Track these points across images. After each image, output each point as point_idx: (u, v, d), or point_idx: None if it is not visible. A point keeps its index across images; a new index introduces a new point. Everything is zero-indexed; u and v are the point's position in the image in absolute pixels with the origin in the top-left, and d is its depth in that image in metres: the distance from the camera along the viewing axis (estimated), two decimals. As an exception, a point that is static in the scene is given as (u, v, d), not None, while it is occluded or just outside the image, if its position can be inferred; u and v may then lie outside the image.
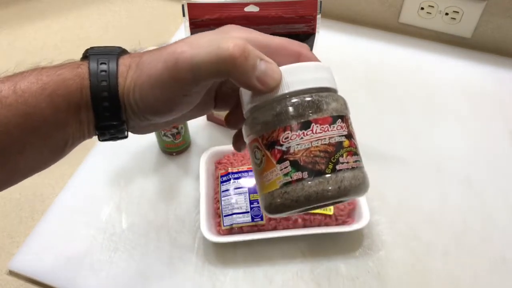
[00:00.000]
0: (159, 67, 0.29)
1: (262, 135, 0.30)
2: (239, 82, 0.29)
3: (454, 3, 0.77)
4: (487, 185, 0.63)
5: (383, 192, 0.61)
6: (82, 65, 0.31)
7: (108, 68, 0.31)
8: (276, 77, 0.29)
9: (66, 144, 0.33)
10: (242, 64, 0.28)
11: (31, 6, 0.90)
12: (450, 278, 0.54)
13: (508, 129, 0.70)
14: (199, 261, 0.55)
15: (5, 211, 0.61)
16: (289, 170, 0.29)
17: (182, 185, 0.63)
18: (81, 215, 0.60)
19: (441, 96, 0.75)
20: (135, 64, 0.31)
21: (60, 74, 0.31)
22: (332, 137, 0.29)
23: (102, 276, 0.54)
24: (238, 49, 0.28)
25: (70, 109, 0.31)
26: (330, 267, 0.55)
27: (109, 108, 0.31)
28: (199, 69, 0.28)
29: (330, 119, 0.29)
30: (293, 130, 0.29)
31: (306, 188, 0.28)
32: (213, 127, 0.70)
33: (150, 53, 0.31)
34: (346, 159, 0.29)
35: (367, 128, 0.69)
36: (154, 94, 0.30)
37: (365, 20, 0.86)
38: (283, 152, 0.29)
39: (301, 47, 0.32)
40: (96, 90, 0.31)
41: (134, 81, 0.30)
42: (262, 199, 0.31)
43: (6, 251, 0.57)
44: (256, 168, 0.31)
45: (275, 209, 0.30)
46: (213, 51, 0.28)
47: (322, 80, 0.31)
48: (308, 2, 0.53)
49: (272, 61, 0.30)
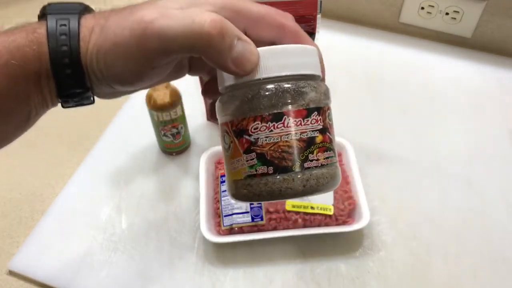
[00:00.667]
0: (126, 35, 0.26)
1: (232, 121, 0.28)
2: (213, 62, 0.27)
3: (454, 3, 0.77)
4: (487, 185, 0.63)
5: (383, 192, 0.61)
6: (38, 28, 0.28)
7: (69, 31, 0.28)
8: (253, 59, 0.27)
9: (29, 115, 0.30)
10: (218, 43, 0.26)
11: (31, 6, 0.90)
12: (450, 278, 0.54)
13: (508, 129, 0.70)
14: (199, 261, 0.55)
15: (5, 211, 0.61)
16: (255, 163, 0.27)
17: (182, 185, 0.63)
18: (81, 215, 0.60)
19: (441, 96, 0.75)
20: (99, 27, 0.28)
21: (14, 40, 0.28)
22: (304, 131, 0.27)
23: (102, 276, 0.54)
24: (215, 26, 0.25)
25: (29, 78, 0.28)
26: (330, 267, 0.55)
27: (72, 75, 0.28)
28: (169, 43, 0.26)
29: (305, 112, 0.27)
30: (263, 121, 0.27)
31: (269, 184, 0.27)
32: (213, 127, 0.70)
33: (116, 16, 0.28)
34: (316, 156, 0.28)
35: (367, 128, 0.69)
36: (119, 64, 0.27)
37: (365, 20, 0.86)
38: (251, 143, 0.27)
39: (284, 18, 0.29)
40: (55, 57, 0.28)
41: (98, 47, 0.28)
42: (228, 184, 0.30)
43: (6, 251, 0.57)
44: (224, 152, 0.30)
45: (240, 198, 0.29)
46: (187, 25, 0.25)
47: (303, 65, 0.28)
48: (308, 2, 0.53)
49: (251, 41, 0.27)
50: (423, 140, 0.68)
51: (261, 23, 0.29)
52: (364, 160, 0.64)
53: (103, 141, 0.69)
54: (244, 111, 0.27)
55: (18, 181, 0.65)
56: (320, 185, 0.28)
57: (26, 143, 0.68)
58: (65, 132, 0.70)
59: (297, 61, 0.28)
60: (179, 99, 0.59)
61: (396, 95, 0.75)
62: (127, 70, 0.28)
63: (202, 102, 0.69)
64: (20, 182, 0.65)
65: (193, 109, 0.69)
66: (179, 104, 0.60)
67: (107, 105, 0.73)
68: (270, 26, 0.29)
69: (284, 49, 0.28)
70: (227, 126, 0.29)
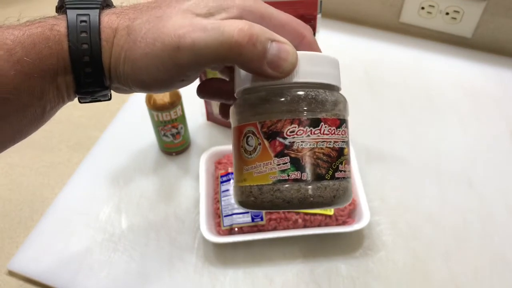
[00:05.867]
0: (158, 46, 0.26)
1: (264, 122, 0.27)
2: (249, 70, 0.27)
3: (454, 2, 0.77)
4: (487, 185, 0.62)
5: (383, 192, 0.61)
6: (56, 25, 0.28)
7: (89, 28, 0.27)
8: (292, 60, 0.26)
9: (44, 111, 0.29)
10: (249, 51, 0.25)
11: (31, 6, 0.90)
12: (451, 278, 0.54)
13: (508, 129, 0.70)
14: (199, 261, 0.55)
15: (5, 211, 0.61)
16: (288, 167, 0.26)
17: (182, 185, 0.63)
18: (81, 215, 0.60)
19: (441, 96, 0.75)
20: (124, 29, 0.28)
21: (29, 36, 0.27)
22: (336, 141, 0.27)
23: (101, 276, 0.54)
24: (244, 35, 0.25)
25: (45, 75, 0.27)
26: (330, 268, 0.55)
27: (91, 74, 0.28)
28: (202, 57, 0.26)
29: (338, 121, 0.27)
30: (301, 125, 0.26)
31: (302, 191, 0.26)
32: (213, 127, 0.70)
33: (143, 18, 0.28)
34: (344, 167, 0.27)
35: (367, 128, 0.69)
36: (148, 73, 0.27)
37: (365, 20, 0.86)
38: (285, 146, 0.26)
39: (305, 29, 0.29)
40: (76, 54, 0.27)
41: (125, 52, 0.27)
42: (243, 190, 0.28)
43: (5, 251, 0.57)
44: (243, 155, 0.28)
45: (259, 205, 0.27)
46: (217, 38, 0.25)
47: (336, 77, 0.28)
48: (308, 2, 0.53)
49: (286, 41, 0.27)
50: (423, 140, 0.68)
51: (283, 30, 0.28)
52: (364, 160, 0.64)
53: (103, 141, 0.69)
54: (280, 113, 0.27)
55: (18, 181, 0.65)
56: (345, 197, 0.27)
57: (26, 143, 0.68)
58: (65, 132, 0.70)
59: (331, 71, 0.28)
60: (179, 99, 0.59)
61: (396, 95, 0.75)
62: (155, 78, 0.28)
63: (202, 102, 0.69)
64: (20, 182, 0.65)
65: (193, 109, 0.69)
66: (179, 104, 0.60)
67: (107, 105, 0.73)
68: (290, 34, 0.29)
69: (322, 57, 0.28)
70: (254, 127, 0.27)
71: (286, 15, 0.29)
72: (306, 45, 0.30)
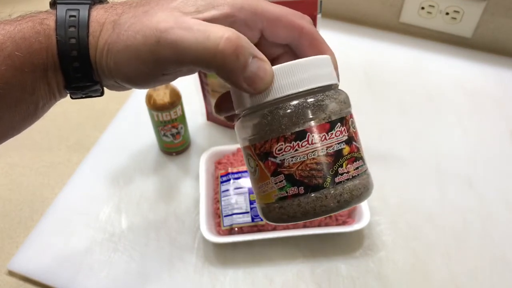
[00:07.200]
0: (139, 39, 0.26)
1: (255, 145, 0.27)
2: (225, 79, 0.26)
3: (454, 2, 0.77)
4: (487, 185, 0.62)
5: (383, 192, 0.61)
6: (46, 19, 0.28)
7: (78, 23, 0.27)
8: (267, 79, 0.26)
9: (36, 107, 0.29)
10: (231, 62, 0.25)
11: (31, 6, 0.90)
12: (451, 278, 0.54)
13: (508, 129, 0.70)
14: (199, 261, 0.55)
15: (5, 211, 0.61)
16: (284, 185, 0.27)
17: (182, 185, 0.63)
18: (81, 215, 0.60)
19: (441, 95, 0.75)
20: (110, 23, 0.28)
21: (20, 30, 0.27)
22: (330, 146, 0.26)
23: (101, 276, 0.54)
24: (230, 45, 0.25)
25: (35, 70, 0.27)
26: (330, 268, 0.55)
27: (80, 68, 0.28)
28: (182, 56, 0.26)
29: (328, 125, 0.26)
30: (286, 141, 0.26)
31: (302, 205, 0.26)
32: (213, 127, 0.70)
33: (130, 13, 0.27)
34: (346, 169, 0.27)
35: (367, 128, 0.69)
36: (130, 66, 0.27)
37: (365, 20, 0.86)
38: (277, 165, 0.27)
39: (302, 20, 0.29)
40: (63, 48, 0.27)
41: (108, 45, 0.27)
42: (259, 208, 0.29)
43: (5, 251, 0.57)
44: (251, 176, 0.29)
45: (274, 221, 0.28)
46: (201, 41, 0.25)
47: (318, 78, 0.27)
48: (308, 2, 0.53)
49: (265, 59, 0.27)
50: (423, 140, 0.68)
51: (278, 24, 0.28)
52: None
53: (103, 141, 0.69)
54: (265, 133, 0.27)
55: (18, 181, 0.65)
56: (355, 197, 0.27)
57: (26, 143, 0.68)
58: (65, 132, 0.70)
59: (312, 74, 0.27)
60: (179, 99, 0.59)
61: (396, 95, 0.75)
62: (137, 72, 0.27)
63: (202, 102, 0.69)
64: (20, 182, 0.65)
65: (193, 109, 0.69)
66: (179, 104, 0.60)
67: (107, 105, 0.73)
68: (288, 27, 0.28)
69: (296, 65, 0.27)
70: (250, 149, 0.28)
71: (281, 8, 0.28)
72: (307, 36, 0.29)
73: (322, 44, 0.30)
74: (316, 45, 0.29)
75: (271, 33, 0.29)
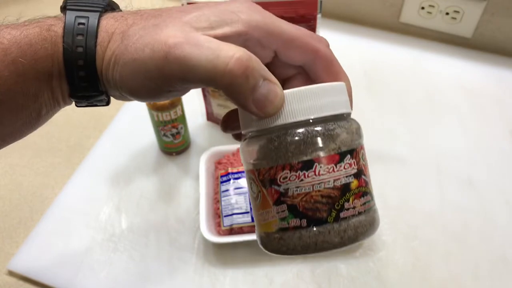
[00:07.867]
0: (146, 53, 0.25)
1: (259, 170, 0.26)
2: (233, 100, 0.25)
3: (454, 2, 0.77)
4: (487, 185, 0.62)
5: (383, 192, 0.61)
6: (54, 26, 0.27)
7: (86, 31, 0.26)
8: (277, 102, 0.25)
9: (39, 114, 0.29)
10: (240, 83, 0.24)
11: (31, 6, 0.90)
12: (451, 278, 0.54)
13: (508, 129, 0.70)
14: (198, 261, 0.55)
15: (5, 211, 0.61)
16: (286, 215, 0.25)
17: (182, 185, 0.63)
18: (81, 216, 0.60)
19: (441, 96, 0.75)
20: (120, 34, 0.27)
21: (26, 36, 0.26)
22: (337, 179, 0.25)
23: (101, 276, 0.54)
24: (240, 65, 0.24)
25: (39, 77, 0.27)
26: (330, 268, 0.55)
27: (85, 78, 0.27)
28: (190, 74, 0.25)
29: (337, 157, 0.25)
30: (292, 170, 0.25)
31: (304, 238, 0.25)
32: (213, 127, 0.70)
33: (140, 24, 0.27)
34: (353, 204, 0.25)
35: (367, 128, 0.69)
36: (136, 80, 0.26)
37: (365, 20, 0.86)
38: (281, 194, 0.25)
39: (319, 43, 0.28)
40: (70, 57, 0.26)
41: (116, 56, 0.26)
42: (258, 236, 0.28)
43: (5, 251, 0.57)
44: (252, 201, 0.28)
45: (272, 251, 0.27)
46: (210, 59, 0.24)
47: (331, 106, 0.26)
48: (308, 2, 0.53)
49: (277, 82, 0.25)
50: (423, 140, 0.68)
51: (293, 45, 0.27)
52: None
53: (103, 141, 0.69)
54: (271, 159, 0.25)
55: (18, 181, 0.65)
56: (359, 235, 0.26)
57: (26, 143, 0.68)
58: (65, 132, 0.70)
59: (325, 102, 0.26)
60: (179, 99, 0.59)
61: (396, 95, 0.75)
62: (142, 86, 0.27)
63: (202, 102, 0.69)
64: (20, 182, 0.65)
65: (193, 109, 0.69)
66: (179, 104, 0.60)
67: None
68: (303, 49, 0.27)
69: (309, 90, 0.25)
70: (253, 174, 0.27)
71: (297, 28, 0.27)
72: (322, 59, 0.28)
73: (337, 69, 0.29)
74: (331, 69, 0.29)
75: (285, 54, 0.28)
